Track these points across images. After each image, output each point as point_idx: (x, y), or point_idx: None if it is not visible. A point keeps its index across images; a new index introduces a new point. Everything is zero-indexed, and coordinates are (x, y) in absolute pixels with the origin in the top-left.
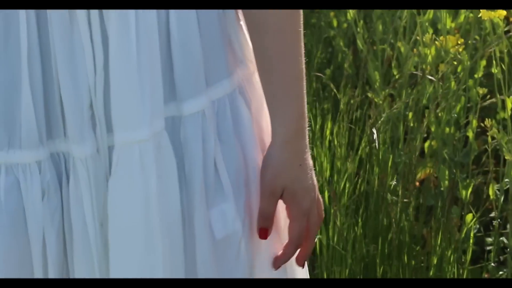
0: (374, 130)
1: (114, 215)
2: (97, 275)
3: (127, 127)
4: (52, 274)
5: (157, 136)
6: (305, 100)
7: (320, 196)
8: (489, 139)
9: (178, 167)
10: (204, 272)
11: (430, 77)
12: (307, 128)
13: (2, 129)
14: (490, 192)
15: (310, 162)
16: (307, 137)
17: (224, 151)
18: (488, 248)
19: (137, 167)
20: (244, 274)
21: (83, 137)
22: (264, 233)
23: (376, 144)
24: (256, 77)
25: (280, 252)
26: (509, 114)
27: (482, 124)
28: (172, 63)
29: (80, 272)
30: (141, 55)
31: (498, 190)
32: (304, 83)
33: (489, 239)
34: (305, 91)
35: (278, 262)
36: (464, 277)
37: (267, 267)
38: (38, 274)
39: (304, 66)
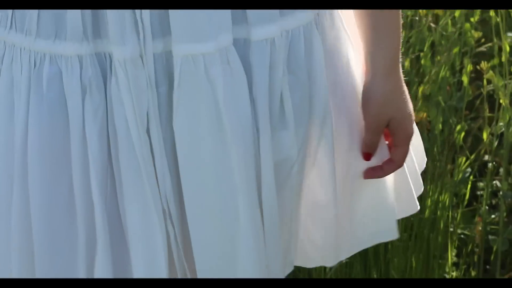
0: None
1: (182, 123)
2: (145, 181)
3: (191, 39)
4: (93, 174)
5: (224, 50)
6: (401, 33)
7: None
8: (485, 82)
9: (248, 87)
10: (267, 190)
11: (429, 25)
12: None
13: (52, 19)
14: (484, 136)
15: (406, 88)
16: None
17: (292, 81)
18: (480, 192)
19: (204, 79)
20: (291, 195)
21: (124, 40)
22: (368, 156)
23: None
24: (335, 14)
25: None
26: (507, 57)
27: (478, 67)
28: None
29: (127, 178)
30: None
31: (492, 134)
32: (401, 17)
33: (481, 184)
34: (401, 24)
35: (372, 175)
36: (457, 220)
37: (318, 188)
38: (76, 172)
39: None
